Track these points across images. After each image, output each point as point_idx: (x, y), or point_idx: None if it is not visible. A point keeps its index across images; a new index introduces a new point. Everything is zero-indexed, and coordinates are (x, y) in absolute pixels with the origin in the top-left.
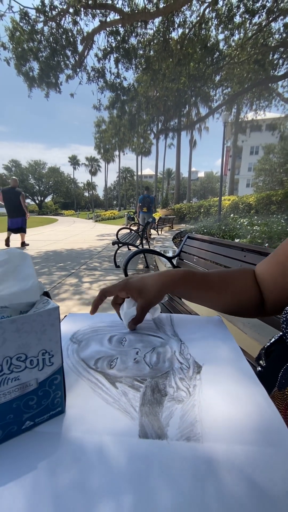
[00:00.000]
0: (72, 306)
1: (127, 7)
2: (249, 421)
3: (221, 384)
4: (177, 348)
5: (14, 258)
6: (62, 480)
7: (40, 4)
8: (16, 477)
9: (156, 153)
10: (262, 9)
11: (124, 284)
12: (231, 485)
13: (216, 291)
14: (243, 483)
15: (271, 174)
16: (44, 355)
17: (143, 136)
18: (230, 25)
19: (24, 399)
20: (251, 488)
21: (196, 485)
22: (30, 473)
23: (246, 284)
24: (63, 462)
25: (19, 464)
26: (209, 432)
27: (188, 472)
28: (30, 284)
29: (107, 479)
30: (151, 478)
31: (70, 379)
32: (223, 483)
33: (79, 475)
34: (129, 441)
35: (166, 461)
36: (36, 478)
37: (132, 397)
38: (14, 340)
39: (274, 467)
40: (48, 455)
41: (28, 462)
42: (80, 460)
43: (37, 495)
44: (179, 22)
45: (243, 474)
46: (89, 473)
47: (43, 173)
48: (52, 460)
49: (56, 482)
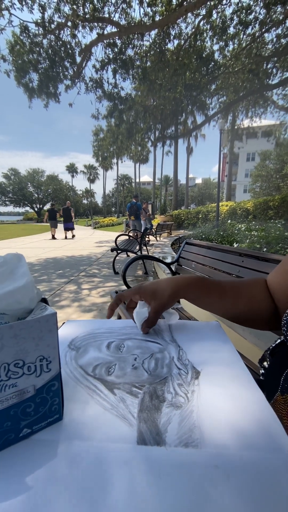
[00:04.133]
0: (71, 313)
1: (123, 20)
2: (248, 427)
3: (220, 389)
4: (175, 353)
5: (10, 261)
6: (60, 488)
7: (39, 18)
8: (14, 486)
9: (153, 160)
10: (255, 20)
11: (138, 287)
12: (230, 491)
13: (228, 298)
14: (242, 489)
15: (268, 180)
16: (42, 361)
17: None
18: (225, 36)
19: (22, 406)
20: (251, 495)
21: (195, 492)
22: (28, 481)
23: (259, 293)
24: (60, 469)
25: (16, 473)
26: (208, 438)
27: (187, 478)
28: (24, 281)
29: (105, 487)
30: (149, 485)
31: (68, 386)
32: (222, 489)
33: (77, 482)
34: (127, 448)
35: (164, 467)
36: (34, 486)
37: (130, 403)
38: (12, 346)
39: (273, 472)
40: (45, 462)
41: (26, 470)
42: (78, 467)
43: (35, 503)
44: (175, 34)
45: (242, 480)
46: (87, 481)
47: (41, 181)
48: (50, 467)
49: (53, 490)
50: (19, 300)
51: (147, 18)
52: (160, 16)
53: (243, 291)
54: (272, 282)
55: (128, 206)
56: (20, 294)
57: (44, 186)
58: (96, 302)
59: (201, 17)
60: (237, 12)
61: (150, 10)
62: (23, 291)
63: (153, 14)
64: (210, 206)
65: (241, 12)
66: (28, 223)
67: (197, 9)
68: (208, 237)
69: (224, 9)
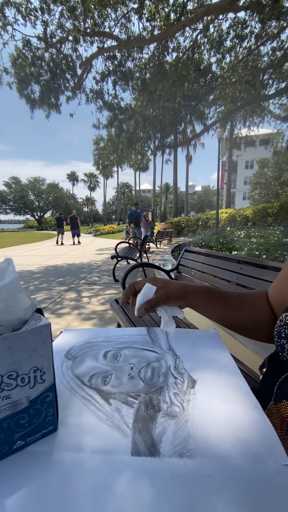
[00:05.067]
0: (71, 321)
1: (123, 34)
2: (243, 436)
3: (215, 398)
4: (172, 362)
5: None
6: (53, 500)
7: (41, 33)
8: (7, 499)
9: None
10: (250, 34)
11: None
12: (224, 502)
13: (232, 308)
14: (236, 499)
15: (267, 187)
16: (36, 372)
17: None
18: (221, 49)
19: (15, 418)
20: (245, 505)
21: (189, 503)
22: (22, 494)
23: (260, 305)
24: (55, 481)
25: (10, 485)
26: (202, 448)
27: (181, 489)
28: (9, 280)
29: (99, 499)
30: (144, 496)
31: (63, 396)
32: (216, 499)
33: (71, 494)
34: (121, 459)
35: (158, 479)
36: (28, 499)
37: (126, 413)
38: (6, 358)
39: (268, 483)
40: (39, 475)
41: (20, 483)
42: (71, 480)
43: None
44: (173, 47)
45: (237, 490)
46: (81, 493)
47: (42, 189)
48: (44, 480)
49: (47, 502)
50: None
51: (146, 32)
52: (159, 30)
53: (247, 302)
54: (272, 295)
55: (128, 213)
56: (6, 292)
57: (44, 194)
58: (96, 310)
59: (198, 31)
60: (233, 26)
61: (149, 25)
62: (8, 288)
63: (152, 29)
64: (210, 213)
65: (237, 26)
66: (29, 231)
67: (195, 24)
68: (208, 244)
69: (220, 23)
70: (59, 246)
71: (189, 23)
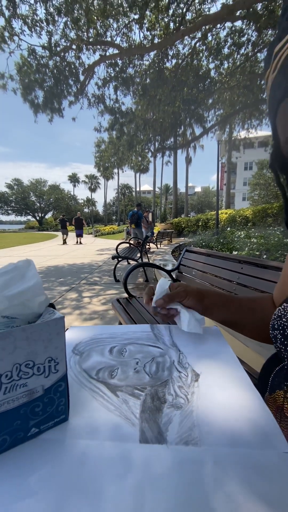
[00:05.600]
0: (73, 321)
1: (125, 43)
2: (245, 425)
3: (218, 391)
4: (175, 357)
5: (21, 267)
6: (66, 485)
7: (46, 42)
8: (23, 483)
9: (153, 170)
10: (247, 42)
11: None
12: (228, 486)
13: (245, 311)
14: (240, 484)
15: (266, 188)
16: (50, 363)
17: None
18: (220, 56)
19: (31, 406)
20: (249, 489)
21: (195, 487)
22: (36, 478)
23: (270, 308)
24: (67, 468)
25: (26, 471)
26: (207, 436)
27: (187, 474)
28: (33, 282)
29: (110, 483)
30: (151, 481)
31: (72, 389)
32: (221, 484)
33: (83, 480)
34: (130, 446)
35: (165, 464)
36: (42, 483)
37: (133, 404)
38: (24, 347)
39: (269, 468)
40: (52, 460)
41: (34, 468)
42: (83, 465)
43: (43, 500)
44: (173, 54)
45: (240, 475)
46: (92, 478)
47: (44, 191)
48: (57, 466)
49: (60, 486)
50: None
51: (147, 41)
52: (159, 39)
53: (258, 305)
54: (275, 298)
55: (130, 214)
56: (30, 293)
57: (46, 196)
58: (97, 310)
59: (197, 39)
60: (231, 34)
61: (149, 34)
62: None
63: (152, 37)
64: (210, 214)
65: (234, 35)
66: (30, 231)
67: (193, 33)
68: (208, 244)
69: (218, 32)
70: (61, 246)
71: (188, 32)
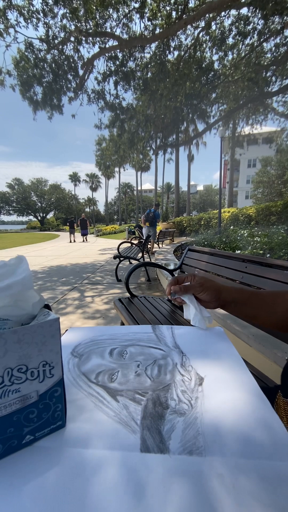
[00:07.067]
0: (75, 320)
1: (125, 34)
2: (253, 434)
3: (223, 395)
4: (178, 360)
5: (12, 263)
6: (62, 495)
7: (44, 34)
8: (17, 493)
9: (155, 168)
10: (253, 31)
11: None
12: (234, 500)
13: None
14: (247, 497)
15: (270, 186)
16: (45, 367)
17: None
18: (224, 46)
19: (25, 412)
20: (256, 503)
21: (199, 501)
22: (31, 489)
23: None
24: (63, 477)
25: (20, 480)
26: (212, 445)
27: (191, 487)
28: (22, 276)
29: (107, 496)
30: (152, 493)
31: (71, 393)
32: (226, 497)
33: (80, 490)
34: (130, 455)
35: (168, 475)
36: (37, 494)
37: (133, 410)
38: (16, 351)
39: (279, 481)
40: (48, 470)
41: (29, 478)
42: (80, 475)
43: (38, 510)
44: (175, 46)
45: (247, 489)
46: (89, 490)
47: (45, 190)
48: (52, 475)
49: (55, 498)
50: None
51: (148, 32)
52: (160, 29)
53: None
54: None
55: (147, 212)
56: (18, 287)
57: (47, 195)
58: (99, 309)
59: (200, 29)
60: (236, 23)
61: (151, 24)
62: (20, 284)
63: (153, 27)
64: (212, 212)
65: (239, 23)
66: (32, 231)
67: (196, 21)
68: (211, 243)
69: (222, 20)
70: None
71: (190, 21)
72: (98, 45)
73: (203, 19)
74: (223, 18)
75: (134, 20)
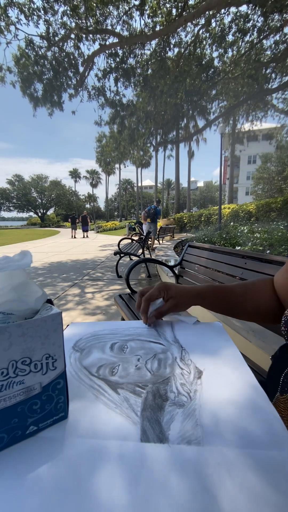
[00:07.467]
0: (76, 316)
1: (125, 31)
2: (250, 425)
3: (222, 388)
4: (178, 354)
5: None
6: (65, 484)
7: (44, 31)
8: (22, 482)
9: (155, 165)
10: (253, 28)
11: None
12: (232, 488)
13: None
14: (244, 485)
15: (270, 182)
16: (48, 359)
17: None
18: (223, 43)
19: (29, 403)
20: (253, 491)
21: (197, 488)
22: (35, 477)
23: (266, 292)
24: (66, 466)
25: (24, 469)
26: (210, 436)
27: (189, 475)
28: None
29: (109, 483)
30: (152, 481)
31: (72, 386)
32: (224, 486)
33: (83, 479)
34: (131, 445)
35: (167, 464)
36: (41, 483)
37: (134, 402)
38: (20, 344)
39: (275, 470)
40: (51, 459)
41: (33, 467)
42: (82, 464)
43: (43, 499)
44: (175, 43)
45: (244, 477)
46: (91, 477)
47: (45, 187)
48: (56, 464)
49: (58, 486)
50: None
51: (148, 29)
52: (161, 26)
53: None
54: (277, 283)
55: (148, 208)
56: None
57: (47, 192)
58: (100, 305)
59: (200, 26)
60: (235, 20)
61: (151, 21)
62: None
63: (153, 25)
64: (212, 209)
65: (239, 20)
66: (32, 228)
67: (196, 19)
68: (211, 239)
69: (222, 18)
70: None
71: (190, 18)
72: (99, 42)
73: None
74: (223, 16)
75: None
